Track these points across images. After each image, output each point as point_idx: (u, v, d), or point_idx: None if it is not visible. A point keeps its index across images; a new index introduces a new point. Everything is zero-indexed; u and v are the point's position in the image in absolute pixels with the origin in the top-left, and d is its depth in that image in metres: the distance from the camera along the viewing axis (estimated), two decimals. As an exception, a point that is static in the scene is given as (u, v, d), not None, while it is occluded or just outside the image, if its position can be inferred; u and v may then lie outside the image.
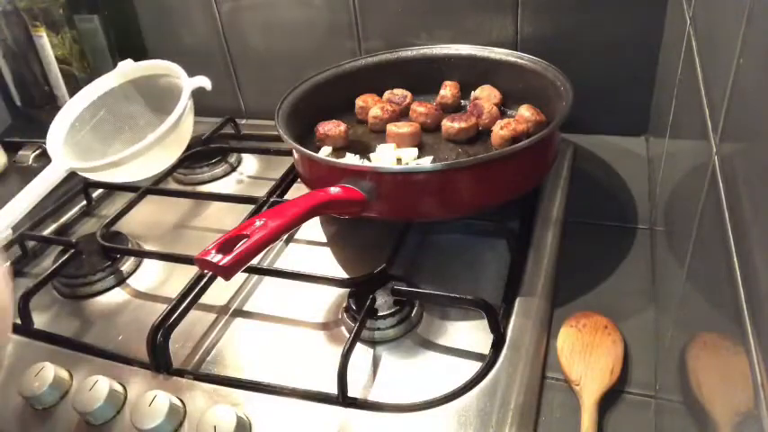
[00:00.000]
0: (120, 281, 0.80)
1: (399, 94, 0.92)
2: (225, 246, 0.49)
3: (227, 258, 0.47)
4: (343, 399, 0.59)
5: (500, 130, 0.79)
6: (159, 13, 1.11)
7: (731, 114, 0.37)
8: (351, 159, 0.83)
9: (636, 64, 0.88)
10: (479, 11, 0.93)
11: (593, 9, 0.88)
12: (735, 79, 0.37)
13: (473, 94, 0.92)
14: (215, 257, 0.48)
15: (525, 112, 0.82)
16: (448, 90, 0.92)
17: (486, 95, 0.89)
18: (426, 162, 0.80)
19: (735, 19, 0.37)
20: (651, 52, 0.86)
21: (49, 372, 0.63)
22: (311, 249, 0.82)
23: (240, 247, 0.48)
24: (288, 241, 0.83)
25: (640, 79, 0.89)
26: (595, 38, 0.90)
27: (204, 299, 0.70)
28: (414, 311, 0.67)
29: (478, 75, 0.92)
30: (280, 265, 0.79)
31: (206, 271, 0.52)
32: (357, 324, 0.63)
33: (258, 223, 0.51)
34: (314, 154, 0.75)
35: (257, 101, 1.15)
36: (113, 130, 0.96)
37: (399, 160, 0.81)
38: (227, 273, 0.48)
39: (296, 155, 0.80)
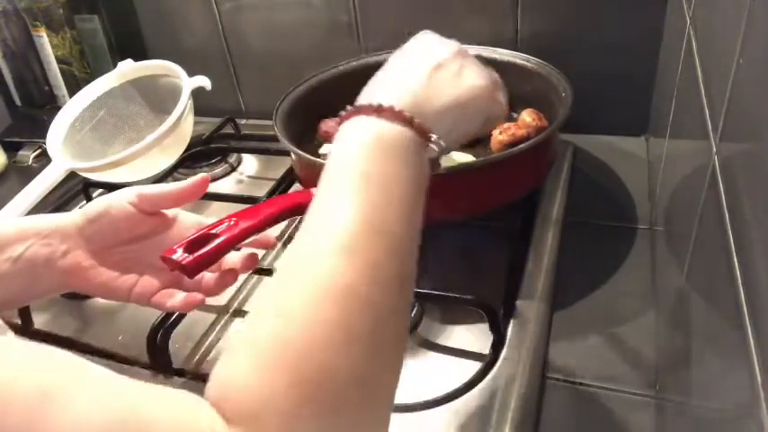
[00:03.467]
0: (120, 281, 0.80)
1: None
2: (193, 245, 0.49)
3: (190, 257, 0.47)
4: (343, 399, 0.59)
5: (499, 135, 0.79)
6: (159, 13, 1.11)
7: (731, 114, 0.37)
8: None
9: (636, 64, 0.88)
10: (479, 11, 0.93)
11: (593, 9, 0.88)
12: (735, 79, 0.36)
13: None
14: (179, 256, 0.48)
15: (527, 117, 0.82)
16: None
17: None
18: None
19: (735, 19, 0.37)
20: (651, 52, 0.86)
21: (49, 372, 0.63)
22: (311, 249, 0.82)
23: (206, 246, 0.48)
24: (287, 242, 0.83)
25: (640, 79, 0.89)
26: (595, 38, 0.90)
27: (204, 299, 0.70)
28: (414, 312, 0.67)
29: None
30: (279, 265, 0.79)
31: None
32: (357, 324, 0.63)
33: (227, 223, 0.51)
34: (303, 153, 0.75)
35: (257, 101, 1.15)
36: (113, 130, 0.96)
37: None
38: (190, 272, 0.48)
39: (293, 155, 0.80)
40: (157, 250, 0.51)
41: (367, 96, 0.41)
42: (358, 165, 0.36)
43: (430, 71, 0.42)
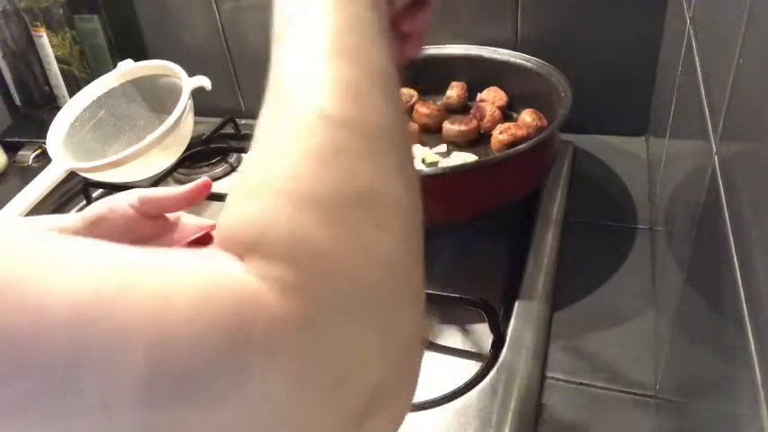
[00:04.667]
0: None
1: (405, 93, 0.92)
2: (195, 245, 0.48)
3: None
4: (342, 399, 0.59)
5: (499, 135, 0.79)
6: (159, 13, 1.11)
7: (731, 114, 0.37)
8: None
9: (636, 64, 0.88)
10: (479, 11, 0.93)
11: (593, 9, 0.88)
12: (735, 79, 0.37)
13: (479, 95, 0.92)
14: None
15: (527, 117, 0.82)
16: (454, 91, 0.92)
17: (492, 98, 0.89)
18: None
19: (735, 19, 0.37)
20: (651, 52, 0.86)
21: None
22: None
23: (207, 247, 0.48)
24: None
25: (640, 79, 0.89)
26: (595, 38, 0.90)
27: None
28: (414, 311, 0.67)
29: (486, 76, 0.91)
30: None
31: None
32: (357, 324, 0.63)
33: None
34: None
35: (257, 101, 1.14)
36: (113, 130, 0.96)
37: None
38: None
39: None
40: None
41: None
42: (310, 5, 0.35)
43: None
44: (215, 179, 0.99)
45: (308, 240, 0.26)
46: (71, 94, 1.01)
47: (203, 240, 0.49)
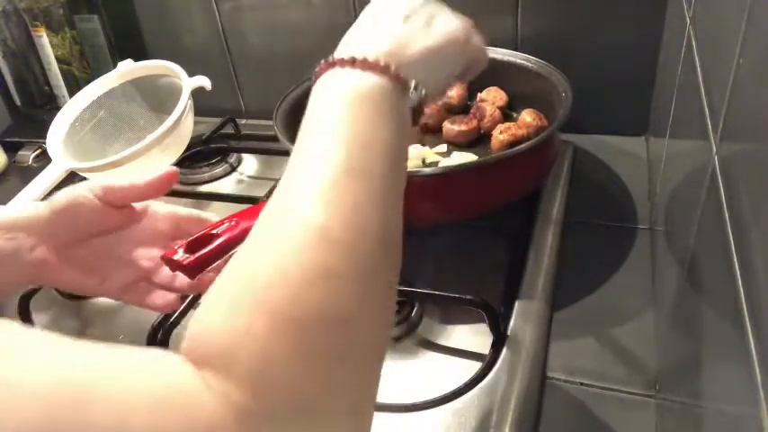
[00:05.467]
0: (120, 281, 0.79)
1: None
2: (194, 245, 0.48)
3: (192, 258, 0.47)
4: (343, 399, 0.59)
5: (499, 135, 0.79)
6: (159, 13, 1.11)
7: (731, 114, 0.37)
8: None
9: (636, 64, 0.88)
10: (479, 10, 0.93)
11: (593, 9, 0.88)
12: (735, 79, 0.37)
13: (479, 95, 0.92)
14: (180, 256, 0.48)
15: (527, 117, 0.82)
16: (454, 90, 0.91)
17: (492, 98, 0.89)
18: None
19: (735, 19, 0.37)
20: (651, 52, 0.86)
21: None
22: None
23: (206, 247, 0.48)
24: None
25: (640, 79, 0.89)
26: (595, 38, 0.90)
27: (204, 299, 0.70)
28: (414, 312, 0.67)
29: (486, 76, 0.91)
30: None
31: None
32: (357, 324, 0.63)
33: (228, 224, 0.51)
34: None
35: (257, 101, 1.15)
36: (113, 130, 0.96)
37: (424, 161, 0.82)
38: (191, 272, 0.47)
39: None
40: (127, 243, 0.51)
41: (340, 51, 0.40)
42: (334, 115, 0.36)
43: (401, 21, 0.42)
44: (215, 179, 1.00)
45: (275, 375, 0.26)
46: (71, 94, 1.01)
47: (201, 241, 0.49)
